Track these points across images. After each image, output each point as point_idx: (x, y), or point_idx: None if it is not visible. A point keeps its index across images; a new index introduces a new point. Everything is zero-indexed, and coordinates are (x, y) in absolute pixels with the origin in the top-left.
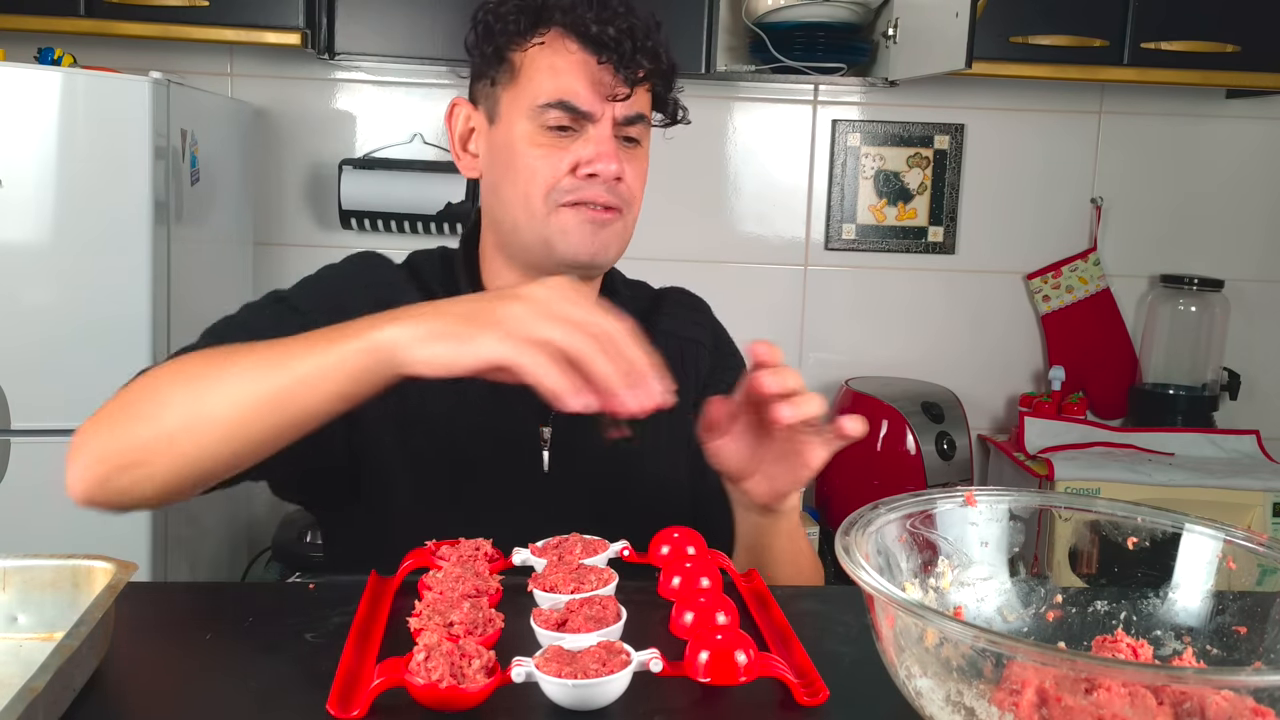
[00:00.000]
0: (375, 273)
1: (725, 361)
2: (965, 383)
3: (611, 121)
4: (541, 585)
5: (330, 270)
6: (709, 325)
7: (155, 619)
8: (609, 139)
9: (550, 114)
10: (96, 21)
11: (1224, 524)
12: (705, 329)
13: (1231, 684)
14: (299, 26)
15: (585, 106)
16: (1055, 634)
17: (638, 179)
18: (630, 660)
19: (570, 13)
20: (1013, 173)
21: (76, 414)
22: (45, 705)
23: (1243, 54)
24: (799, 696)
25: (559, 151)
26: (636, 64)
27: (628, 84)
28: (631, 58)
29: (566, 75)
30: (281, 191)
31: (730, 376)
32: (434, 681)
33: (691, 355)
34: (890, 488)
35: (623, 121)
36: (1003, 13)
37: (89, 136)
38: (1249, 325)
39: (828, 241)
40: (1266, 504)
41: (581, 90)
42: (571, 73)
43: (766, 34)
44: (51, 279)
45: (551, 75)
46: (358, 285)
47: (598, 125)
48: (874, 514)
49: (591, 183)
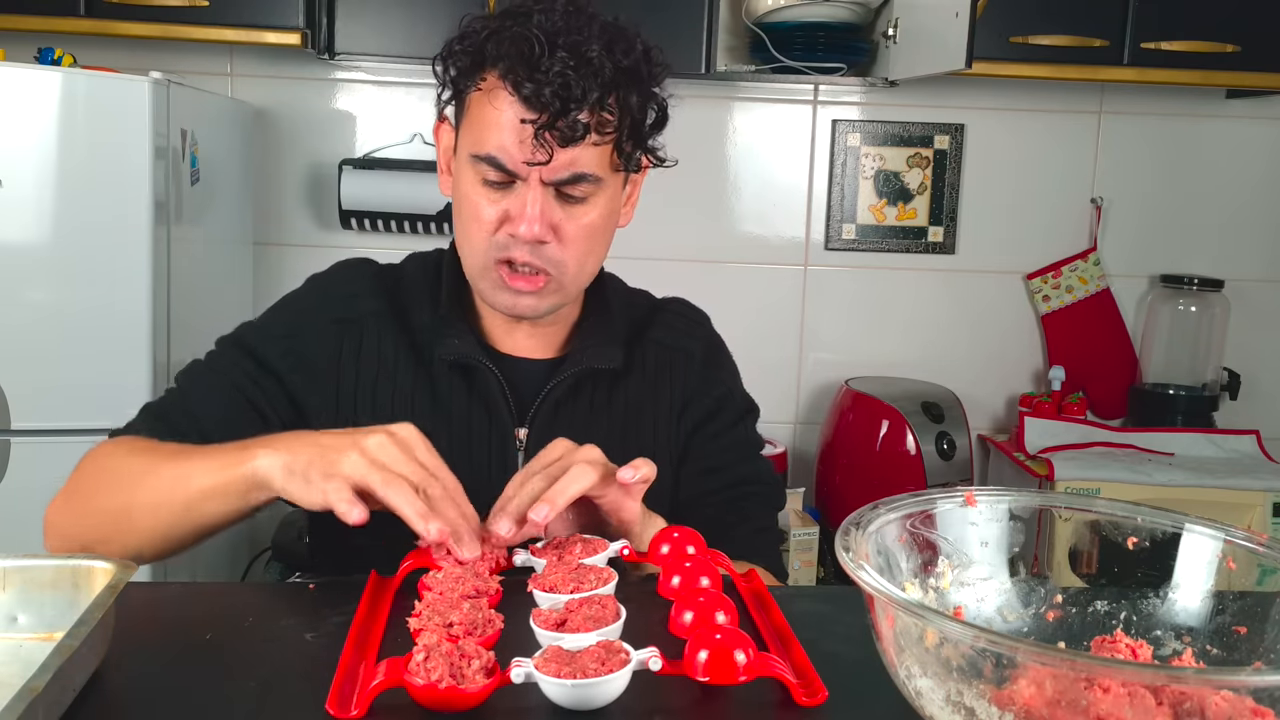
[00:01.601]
0: (337, 288)
1: (714, 376)
2: (965, 383)
3: (539, 183)
4: (541, 585)
5: (300, 288)
6: (704, 339)
7: (155, 619)
8: (536, 201)
9: (481, 167)
10: (96, 21)
11: (1224, 524)
12: (699, 342)
13: (1231, 684)
14: (299, 26)
15: (510, 166)
16: (1055, 634)
17: (578, 238)
18: (629, 659)
19: (508, 62)
20: (1013, 173)
21: (76, 414)
22: (45, 705)
23: (1243, 54)
24: (798, 696)
25: (493, 204)
26: (570, 125)
27: (560, 143)
28: (561, 117)
29: (496, 130)
30: (281, 191)
31: (717, 390)
32: (433, 682)
33: (680, 365)
34: (890, 488)
35: (554, 183)
36: (1003, 13)
37: (89, 136)
38: (1249, 325)
39: (828, 241)
40: (1266, 504)
41: (509, 149)
42: (501, 129)
43: (766, 34)
44: (51, 279)
45: (484, 128)
46: (315, 306)
47: (526, 185)
48: (874, 514)
49: (516, 242)
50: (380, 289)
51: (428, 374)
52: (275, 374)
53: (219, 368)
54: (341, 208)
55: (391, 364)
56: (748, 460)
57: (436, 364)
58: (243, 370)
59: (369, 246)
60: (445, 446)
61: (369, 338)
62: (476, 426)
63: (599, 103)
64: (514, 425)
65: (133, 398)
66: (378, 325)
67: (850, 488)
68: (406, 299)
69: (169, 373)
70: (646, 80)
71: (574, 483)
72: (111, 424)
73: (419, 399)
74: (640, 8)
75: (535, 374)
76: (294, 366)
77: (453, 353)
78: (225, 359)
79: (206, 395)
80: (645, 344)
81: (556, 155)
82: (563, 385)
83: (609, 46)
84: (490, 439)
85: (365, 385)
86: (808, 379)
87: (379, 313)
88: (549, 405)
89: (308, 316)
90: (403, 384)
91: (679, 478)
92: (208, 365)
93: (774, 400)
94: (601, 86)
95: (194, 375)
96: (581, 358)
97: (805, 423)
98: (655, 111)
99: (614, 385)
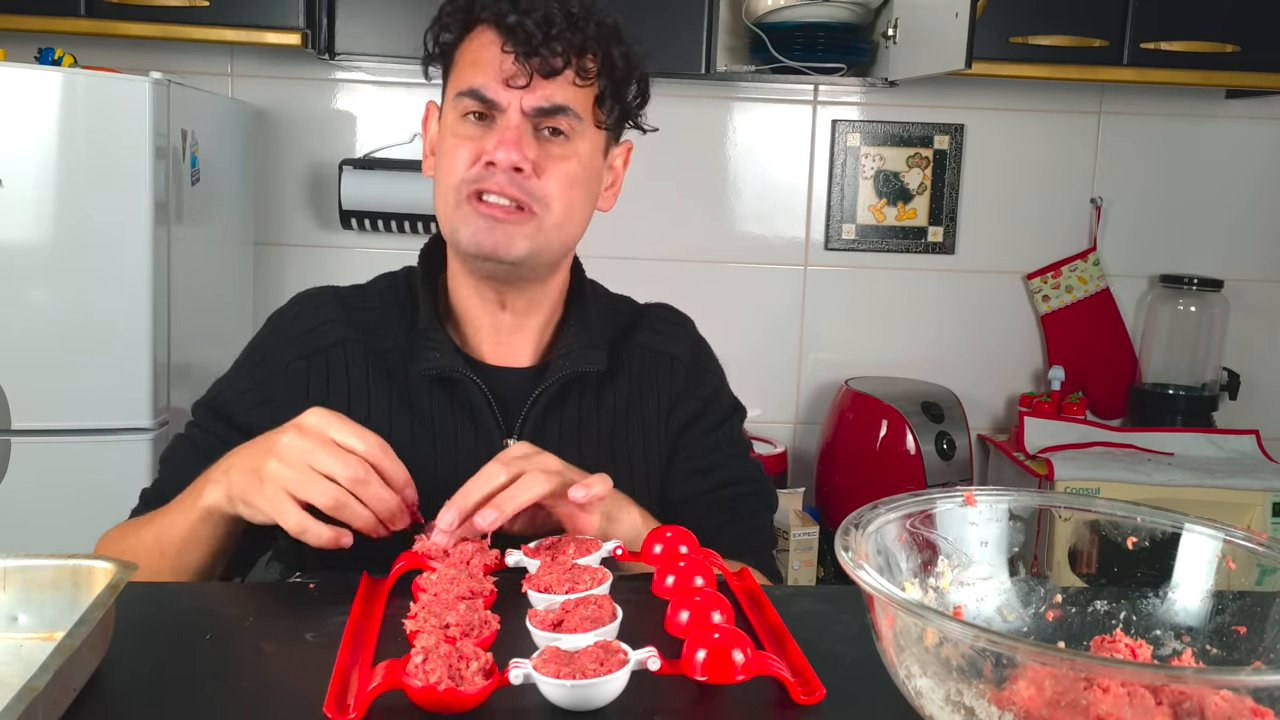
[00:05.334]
0: (297, 324)
1: (700, 378)
2: (965, 383)
3: (519, 111)
4: (536, 586)
5: (261, 331)
6: (688, 342)
7: (155, 619)
8: (514, 128)
9: (464, 102)
10: (96, 21)
11: (1224, 524)
12: (684, 345)
13: (1231, 684)
14: (299, 27)
15: (491, 95)
16: (1055, 634)
17: (558, 177)
18: (628, 659)
19: (494, 5)
20: (1013, 173)
21: (76, 414)
22: (45, 705)
23: (1243, 54)
24: (796, 695)
25: (471, 142)
26: (550, 52)
27: (541, 73)
28: (542, 45)
29: (480, 65)
30: (281, 191)
31: (703, 391)
32: (432, 684)
33: (665, 368)
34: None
35: (534, 112)
36: (1003, 13)
37: (89, 136)
38: (1249, 325)
39: (827, 241)
40: (1266, 504)
41: (491, 79)
42: (485, 62)
43: (766, 34)
44: (51, 279)
45: (469, 66)
46: (278, 347)
47: (506, 114)
48: (874, 514)
49: (493, 171)
50: (343, 317)
51: (405, 391)
52: (248, 431)
53: (196, 439)
54: (342, 208)
55: (363, 387)
56: (735, 460)
57: (415, 380)
58: (216, 437)
59: (369, 246)
60: (432, 462)
61: (335, 367)
62: (463, 440)
63: (580, 48)
64: (501, 436)
65: (133, 398)
66: (343, 353)
67: (850, 488)
68: (374, 321)
69: (169, 374)
70: (628, 42)
71: (525, 490)
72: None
73: (397, 416)
74: (640, 8)
75: (519, 383)
76: (265, 416)
77: (434, 367)
78: (200, 429)
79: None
80: (630, 349)
81: (537, 84)
82: (549, 392)
83: (590, 9)
84: (477, 451)
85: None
86: (808, 379)
87: (343, 340)
88: (536, 413)
89: (272, 361)
90: (377, 403)
91: (668, 479)
92: (187, 439)
93: (774, 400)
94: (583, 33)
95: (175, 453)
96: (566, 363)
97: (805, 423)
98: (637, 85)
99: (600, 391)
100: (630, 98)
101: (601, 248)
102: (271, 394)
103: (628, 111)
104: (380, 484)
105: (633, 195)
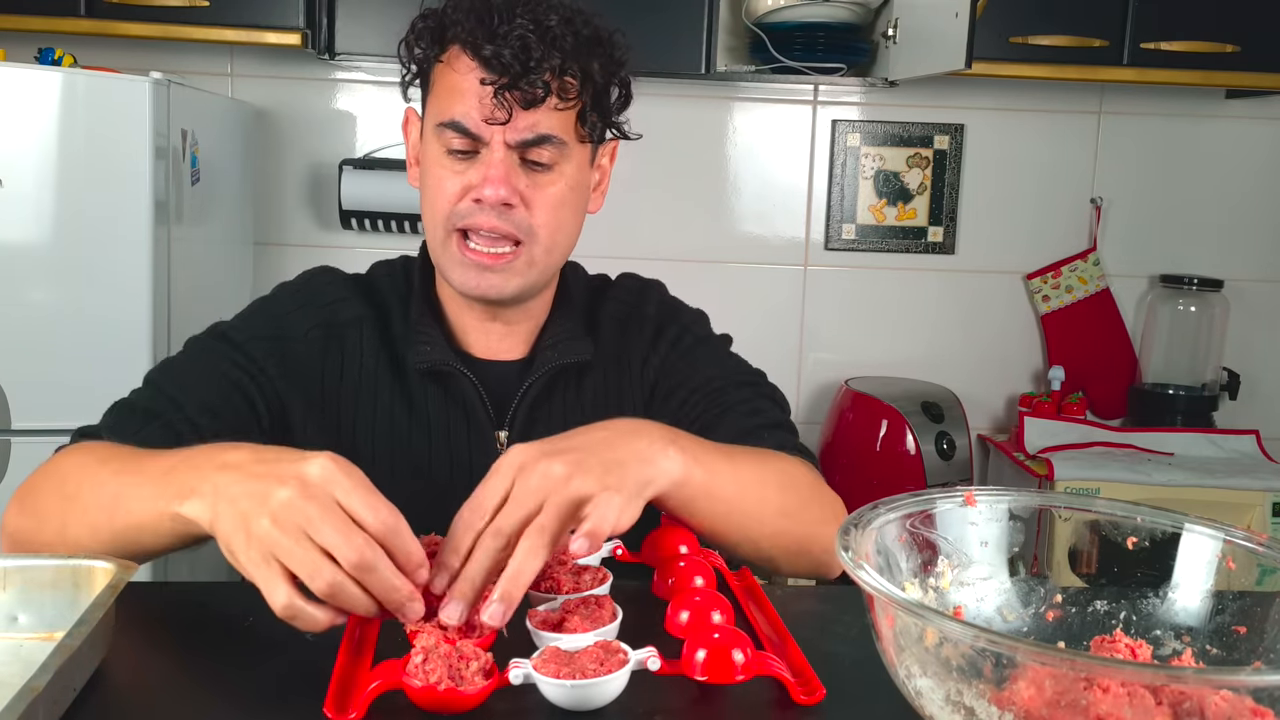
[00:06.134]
0: (317, 296)
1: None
2: (965, 383)
3: (503, 145)
4: (535, 586)
5: (274, 295)
6: (655, 300)
7: (155, 619)
8: (500, 163)
9: (446, 135)
10: (96, 21)
11: (1224, 524)
12: (651, 303)
13: (1231, 684)
14: (299, 27)
15: (474, 129)
16: (1055, 634)
17: (546, 205)
18: (628, 659)
19: (466, 28)
20: (1012, 173)
21: (77, 414)
22: (45, 705)
23: (1243, 54)
24: (795, 695)
25: (456, 175)
26: (530, 84)
27: (522, 105)
28: (521, 78)
29: (458, 96)
30: (281, 191)
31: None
32: (432, 684)
33: (635, 330)
34: (890, 488)
35: (518, 145)
36: (1002, 13)
37: (89, 136)
38: (1249, 325)
39: (827, 241)
40: (1266, 504)
41: (472, 112)
42: (463, 94)
43: (766, 34)
44: (51, 279)
45: (448, 95)
46: (297, 312)
47: (489, 149)
48: (874, 514)
49: (481, 208)
50: (355, 295)
51: (404, 382)
52: (262, 369)
53: (201, 357)
54: (342, 208)
55: (372, 374)
56: (717, 362)
57: (411, 372)
58: (230, 360)
59: (369, 246)
60: (426, 454)
61: (350, 346)
62: (456, 432)
63: (559, 69)
64: (494, 429)
65: None
66: (359, 333)
67: (850, 488)
68: (382, 306)
69: None
70: (608, 50)
71: (528, 565)
72: None
73: (397, 408)
74: (640, 8)
75: (509, 375)
76: (279, 365)
77: (426, 360)
78: (208, 350)
79: (191, 381)
80: (603, 321)
81: (519, 116)
82: (538, 384)
83: (568, 19)
84: (470, 444)
85: (347, 394)
86: (808, 379)
87: (361, 319)
88: (526, 405)
89: (291, 321)
90: (382, 393)
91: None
92: (187, 356)
93: None
94: (562, 53)
95: (172, 366)
96: (553, 354)
97: (805, 423)
98: (619, 88)
99: (585, 373)
100: (612, 101)
101: (601, 248)
102: (288, 350)
103: (609, 119)
104: (389, 569)
105: (633, 195)
